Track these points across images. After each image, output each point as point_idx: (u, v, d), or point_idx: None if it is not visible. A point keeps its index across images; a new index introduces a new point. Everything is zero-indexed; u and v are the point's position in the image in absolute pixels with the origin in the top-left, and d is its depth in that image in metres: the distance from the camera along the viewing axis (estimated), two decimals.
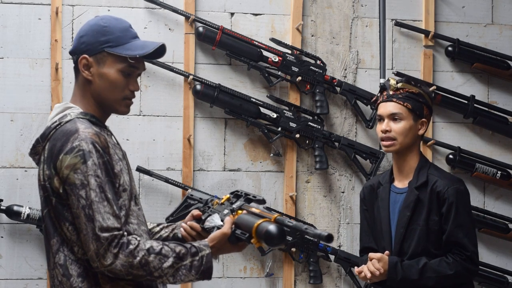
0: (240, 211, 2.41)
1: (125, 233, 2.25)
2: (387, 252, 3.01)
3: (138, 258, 2.22)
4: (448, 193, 3.01)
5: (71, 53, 2.42)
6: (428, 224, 3.02)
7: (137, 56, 2.36)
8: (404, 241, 3.05)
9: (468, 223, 3.04)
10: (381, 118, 3.10)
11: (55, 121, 2.36)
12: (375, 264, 2.98)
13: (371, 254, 3.01)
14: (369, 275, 2.99)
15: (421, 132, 3.10)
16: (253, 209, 2.38)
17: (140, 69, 2.41)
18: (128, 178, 2.39)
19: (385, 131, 3.07)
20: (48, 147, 2.32)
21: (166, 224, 2.64)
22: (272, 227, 2.22)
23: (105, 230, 2.20)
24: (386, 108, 3.08)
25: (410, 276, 2.98)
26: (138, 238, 2.26)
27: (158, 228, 2.62)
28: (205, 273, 2.31)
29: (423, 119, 3.09)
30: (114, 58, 2.36)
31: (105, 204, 2.22)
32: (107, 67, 2.36)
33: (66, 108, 2.38)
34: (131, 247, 2.22)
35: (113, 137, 2.43)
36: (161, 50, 2.43)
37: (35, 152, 2.41)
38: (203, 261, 2.30)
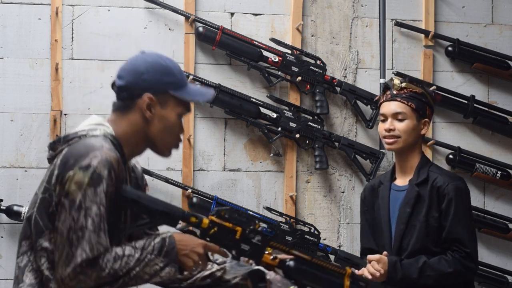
0: None
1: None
2: (385, 252, 3.01)
3: (106, 271, 2.13)
4: (448, 189, 3.02)
5: (123, 87, 2.29)
6: (427, 220, 3.02)
7: (200, 102, 2.37)
8: (404, 238, 3.05)
9: (468, 220, 3.05)
10: (385, 118, 3.10)
11: (84, 130, 2.25)
12: (374, 266, 2.98)
13: (369, 256, 3.01)
14: (370, 277, 2.99)
15: (423, 131, 3.12)
16: None
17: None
18: None
19: (388, 130, 3.07)
20: (66, 152, 2.21)
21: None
22: None
23: (87, 262, 2.12)
24: (390, 107, 3.09)
25: (410, 275, 2.98)
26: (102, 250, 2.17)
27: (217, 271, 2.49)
28: (170, 254, 2.20)
29: (426, 119, 3.10)
30: (176, 101, 2.29)
31: (101, 234, 2.14)
32: (169, 110, 2.29)
33: (101, 125, 2.28)
34: (99, 261, 2.13)
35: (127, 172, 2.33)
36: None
37: (53, 148, 2.30)
38: (166, 242, 2.21)
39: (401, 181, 3.14)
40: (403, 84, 3.09)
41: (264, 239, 2.30)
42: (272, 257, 2.34)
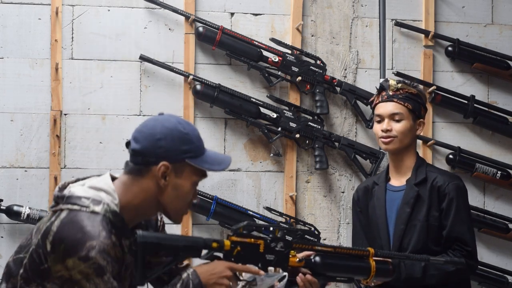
0: None
1: None
2: None
3: None
4: (449, 189, 3.04)
5: (138, 151, 2.22)
6: (428, 220, 3.04)
7: (217, 171, 2.29)
8: (404, 238, 3.06)
9: (468, 219, 3.08)
10: (381, 118, 3.12)
11: (88, 199, 2.19)
12: None
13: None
14: None
15: (418, 132, 3.15)
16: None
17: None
18: None
19: (385, 131, 3.09)
20: (63, 225, 2.16)
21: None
22: None
23: None
24: (387, 108, 3.11)
25: (414, 275, 2.99)
26: None
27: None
28: None
29: (421, 119, 3.13)
30: (193, 170, 2.25)
31: None
32: (184, 178, 2.24)
33: (107, 192, 2.21)
34: None
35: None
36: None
37: (56, 201, 2.26)
38: (190, 279, 2.21)
39: (397, 182, 3.15)
40: (399, 85, 3.11)
41: (287, 244, 2.32)
42: (298, 259, 2.36)
